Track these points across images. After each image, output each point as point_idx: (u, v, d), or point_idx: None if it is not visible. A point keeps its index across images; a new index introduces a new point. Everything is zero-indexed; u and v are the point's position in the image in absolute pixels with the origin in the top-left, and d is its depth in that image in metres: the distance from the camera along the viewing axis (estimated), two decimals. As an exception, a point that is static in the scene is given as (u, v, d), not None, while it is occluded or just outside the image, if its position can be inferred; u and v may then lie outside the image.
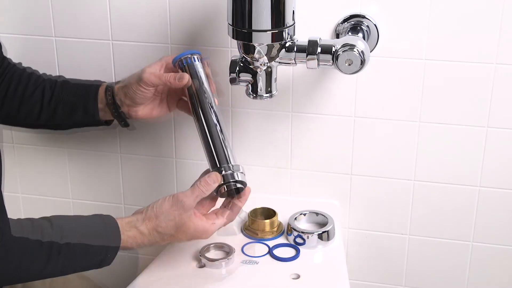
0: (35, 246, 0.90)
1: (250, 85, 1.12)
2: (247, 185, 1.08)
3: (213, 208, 1.09)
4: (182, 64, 1.13)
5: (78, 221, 0.97)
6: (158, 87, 1.14)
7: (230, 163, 1.08)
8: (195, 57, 1.14)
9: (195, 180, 1.07)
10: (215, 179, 1.05)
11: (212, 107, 1.11)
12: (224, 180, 1.06)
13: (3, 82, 1.19)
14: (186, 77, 1.10)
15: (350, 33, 1.16)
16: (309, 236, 1.17)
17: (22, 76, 1.19)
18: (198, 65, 1.13)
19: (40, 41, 1.32)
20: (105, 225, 0.98)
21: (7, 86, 1.18)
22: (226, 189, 1.07)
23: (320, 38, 1.07)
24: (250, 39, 1.03)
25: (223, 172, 1.06)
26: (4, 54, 1.21)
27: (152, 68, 1.13)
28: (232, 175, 1.06)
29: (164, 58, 1.15)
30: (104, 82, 1.20)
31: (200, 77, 1.12)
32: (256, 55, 1.06)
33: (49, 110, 1.18)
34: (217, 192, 1.07)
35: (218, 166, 1.07)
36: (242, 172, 1.08)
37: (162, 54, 1.28)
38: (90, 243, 0.95)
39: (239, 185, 1.07)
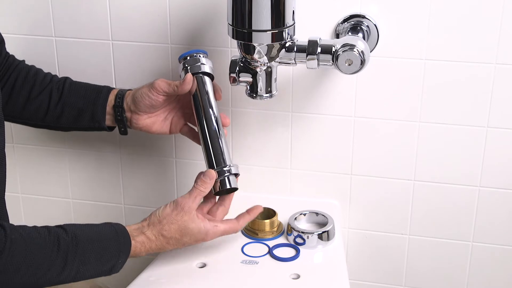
0: (53, 251, 0.92)
1: (250, 85, 1.12)
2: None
3: (226, 216, 1.10)
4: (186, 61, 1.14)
5: (90, 228, 0.99)
6: (165, 106, 1.16)
7: (226, 163, 1.09)
8: (200, 55, 1.14)
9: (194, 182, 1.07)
10: (211, 176, 1.07)
11: (212, 107, 1.11)
12: (218, 176, 1.07)
13: (8, 80, 1.18)
14: (189, 78, 1.10)
15: (350, 33, 1.16)
16: (309, 236, 1.16)
17: (29, 74, 1.19)
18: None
19: (40, 41, 1.32)
20: (116, 231, 1.00)
21: (12, 84, 1.18)
22: (220, 186, 1.08)
23: (320, 38, 1.07)
24: (250, 39, 1.03)
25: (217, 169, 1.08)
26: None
27: (164, 79, 1.14)
28: (225, 170, 1.08)
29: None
30: (115, 88, 1.20)
31: (203, 75, 1.13)
32: (256, 55, 1.06)
33: (55, 113, 1.18)
34: (214, 191, 1.09)
35: (215, 166, 1.09)
36: (235, 173, 1.09)
37: (162, 54, 1.28)
38: (103, 248, 0.97)
39: (232, 177, 1.08)
